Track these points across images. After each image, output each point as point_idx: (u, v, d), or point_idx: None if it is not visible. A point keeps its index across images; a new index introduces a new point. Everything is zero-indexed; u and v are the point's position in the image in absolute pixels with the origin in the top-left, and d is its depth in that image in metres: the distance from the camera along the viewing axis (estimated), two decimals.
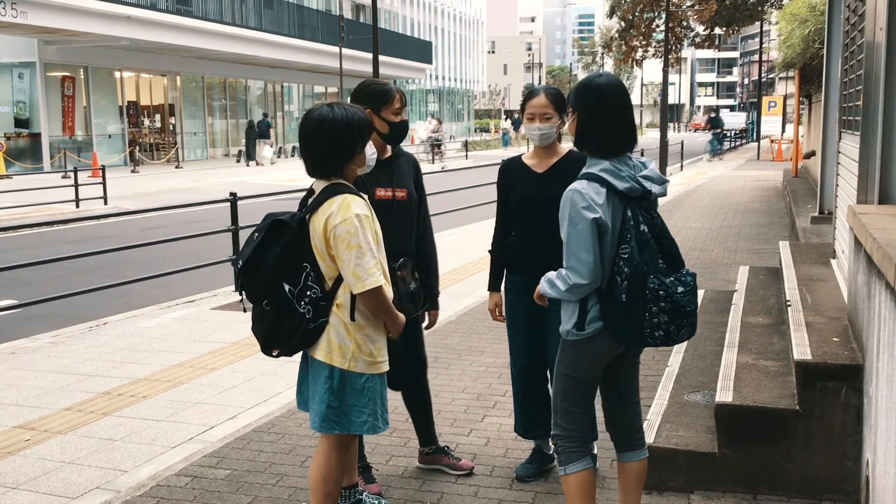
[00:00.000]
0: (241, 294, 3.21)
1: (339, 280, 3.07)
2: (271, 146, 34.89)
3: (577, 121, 2.99)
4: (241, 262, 3.06)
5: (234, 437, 4.60)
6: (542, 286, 3.03)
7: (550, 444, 4.09)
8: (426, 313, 3.96)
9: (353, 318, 3.08)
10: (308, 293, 3.04)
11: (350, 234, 2.98)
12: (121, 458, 4.35)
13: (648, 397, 4.05)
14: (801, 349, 3.78)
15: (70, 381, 5.65)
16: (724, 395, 3.79)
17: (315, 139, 3.09)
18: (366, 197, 3.19)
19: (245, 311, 3.22)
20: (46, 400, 5.28)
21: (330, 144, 3.08)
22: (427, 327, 4.01)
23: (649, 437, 3.74)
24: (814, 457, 3.63)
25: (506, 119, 59.14)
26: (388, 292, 3.12)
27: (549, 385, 3.97)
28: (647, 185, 2.91)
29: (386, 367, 3.19)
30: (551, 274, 3.01)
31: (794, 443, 3.64)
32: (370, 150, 3.27)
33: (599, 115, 2.95)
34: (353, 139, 3.10)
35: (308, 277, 3.05)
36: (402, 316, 3.23)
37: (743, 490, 3.71)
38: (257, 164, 32.64)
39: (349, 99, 3.66)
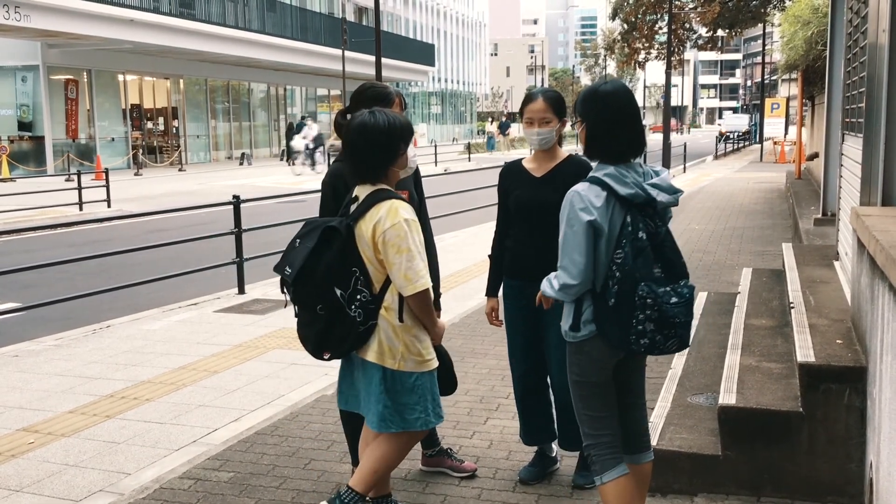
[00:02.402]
0: (293, 304, 3.31)
1: (386, 284, 3.18)
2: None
3: (584, 129, 3.00)
4: (288, 270, 3.14)
5: (237, 439, 4.60)
6: (543, 286, 3.06)
7: (553, 446, 4.09)
8: None
9: (401, 320, 3.19)
10: (358, 297, 3.15)
11: (400, 238, 3.09)
12: (124, 461, 4.35)
13: (651, 400, 4.04)
14: (805, 351, 3.78)
15: (73, 384, 5.65)
16: (728, 397, 3.79)
17: (358, 144, 3.19)
18: (406, 199, 3.27)
19: (296, 315, 3.31)
20: (50, 403, 5.29)
21: (373, 148, 3.18)
22: None
23: (652, 440, 3.73)
24: (817, 459, 3.62)
25: (491, 122, 58.64)
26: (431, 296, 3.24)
27: (550, 390, 3.97)
28: (653, 193, 2.90)
29: (435, 364, 3.30)
30: (552, 274, 3.03)
31: (797, 445, 3.64)
32: (411, 153, 3.36)
33: (606, 122, 2.95)
34: (395, 141, 3.21)
35: (357, 282, 3.15)
36: (442, 322, 3.38)
37: (746, 492, 3.70)
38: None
39: (349, 102, 3.70)
